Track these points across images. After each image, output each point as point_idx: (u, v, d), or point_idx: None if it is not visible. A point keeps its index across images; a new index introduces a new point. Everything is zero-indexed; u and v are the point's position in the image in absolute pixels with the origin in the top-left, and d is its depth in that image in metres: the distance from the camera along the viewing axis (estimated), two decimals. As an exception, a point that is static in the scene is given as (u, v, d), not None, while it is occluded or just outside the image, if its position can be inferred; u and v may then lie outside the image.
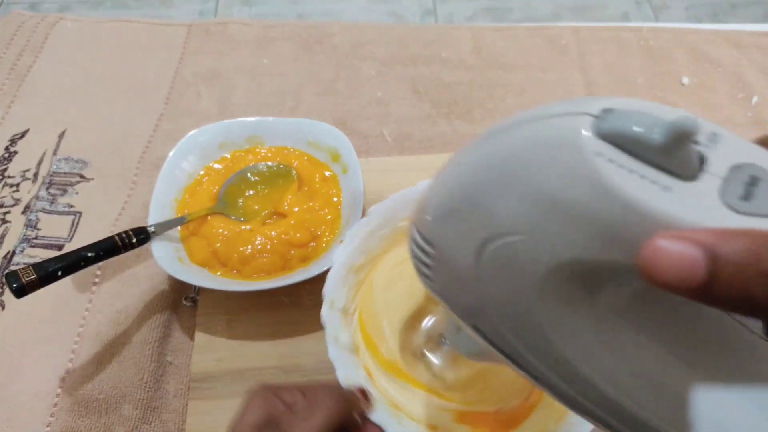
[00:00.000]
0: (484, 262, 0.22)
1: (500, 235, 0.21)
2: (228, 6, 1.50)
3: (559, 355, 0.22)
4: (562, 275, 0.20)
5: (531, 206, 0.19)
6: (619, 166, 0.17)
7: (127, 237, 0.46)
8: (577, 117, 0.18)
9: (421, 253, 0.25)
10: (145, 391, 0.45)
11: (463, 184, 0.22)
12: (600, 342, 0.22)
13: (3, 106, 0.64)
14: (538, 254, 0.20)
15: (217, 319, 0.48)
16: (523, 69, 0.68)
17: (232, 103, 0.64)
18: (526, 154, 0.20)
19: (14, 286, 0.41)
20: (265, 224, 0.51)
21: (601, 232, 0.18)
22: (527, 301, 0.21)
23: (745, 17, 1.47)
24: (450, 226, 0.23)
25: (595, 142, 0.18)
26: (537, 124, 0.20)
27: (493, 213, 0.21)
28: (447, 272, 0.24)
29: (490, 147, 0.22)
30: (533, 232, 0.19)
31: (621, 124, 0.17)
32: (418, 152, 0.60)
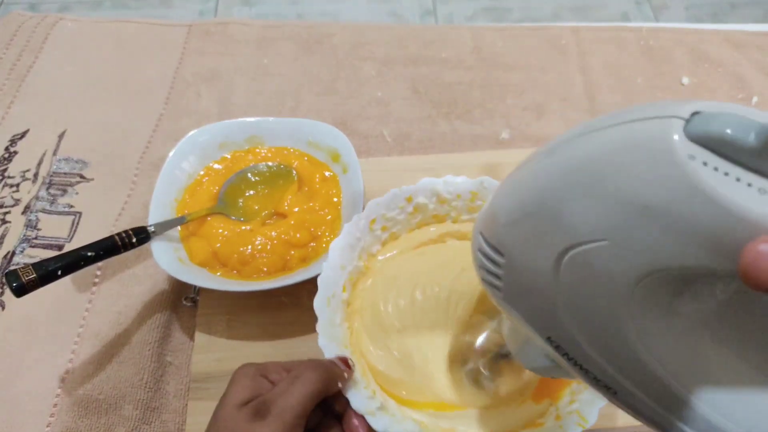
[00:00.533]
0: (564, 270, 0.21)
1: (584, 242, 0.20)
2: (228, 6, 1.50)
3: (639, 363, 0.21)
4: (650, 283, 0.19)
5: (619, 211, 0.19)
6: (713, 170, 0.17)
7: (127, 237, 0.46)
8: (666, 120, 0.18)
9: (488, 263, 0.24)
10: (145, 391, 0.45)
11: (541, 189, 0.22)
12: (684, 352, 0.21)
13: (3, 106, 0.64)
14: (626, 262, 0.19)
15: (217, 319, 0.48)
16: (523, 69, 0.68)
17: (232, 103, 0.64)
18: (613, 157, 0.19)
19: (14, 285, 0.41)
20: (265, 224, 0.51)
21: (696, 236, 0.17)
22: (610, 311, 0.21)
23: (745, 17, 1.47)
24: (525, 233, 0.22)
25: (687, 145, 0.17)
26: (624, 127, 0.19)
27: (574, 221, 0.20)
28: (520, 282, 0.24)
29: (572, 150, 0.21)
30: (621, 238, 0.19)
31: (713, 127, 0.17)
32: (418, 152, 0.60)
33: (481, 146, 0.61)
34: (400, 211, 0.46)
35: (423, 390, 0.41)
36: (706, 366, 0.21)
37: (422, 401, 0.40)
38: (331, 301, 0.41)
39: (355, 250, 0.43)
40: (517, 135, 0.62)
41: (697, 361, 0.21)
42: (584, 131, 0.21)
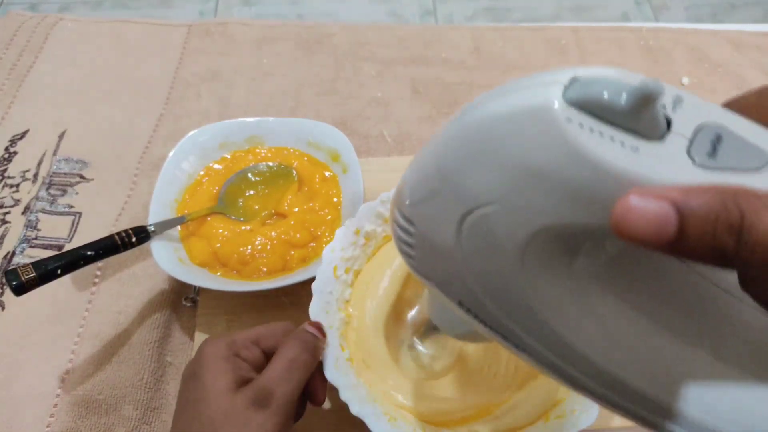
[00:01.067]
0: (464, 235, 0.22)
1: (477, 207, 0.21)
2: (228, 6, 1.50)
3: (543, 323, 0.22)
4: (540, 242, 0.20)
5: (505, 175, 0.20)
6: (589, 131, 0.18)
7: (126, 236, 0.46)
8: (547, 86, 0.19)
9: (403, 234, 0.26)
10: (145, 391, 0.45)
11: (438, 160, 0.23)
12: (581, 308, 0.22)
13: (3, 106, 0.64)
14: (515, 223, 0.20)
15: (217, 319, 0.48)
16: (523, 69, 0.68)
17: (232, 103, 0.64)
18: (497, 124, 0.20)
19: (14, 284, 0.41)
20: (265, 224, 0.51)
21: (575, 195, 0.18)
22: (508, 272, 0.22)
23: (745, 17, 1.47)
24: (429, 203, 0.24)
25: (565, 109, 0.18)
26: (508, 96, 0.20)
27: (468, 185, 0.21)
28: (429, 250, 0.25)
29: (462, 121, 0.22)
30: (509, 201, 0.20)
31: (587, 90, 0.18)
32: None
33: (481, 146, 0.61)
34: (355, 247, 0.45)
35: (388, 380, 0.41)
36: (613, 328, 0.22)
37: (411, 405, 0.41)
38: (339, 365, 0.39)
39: (332, 306, 0.42)
40: (517, 135, 0.62)
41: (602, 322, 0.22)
42: (479, 101, 0.22)
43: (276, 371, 0.33)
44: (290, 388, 0.33)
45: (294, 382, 0.33)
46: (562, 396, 0.40)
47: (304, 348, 0.35)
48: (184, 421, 0.32)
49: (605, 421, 0.43)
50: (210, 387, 0.31)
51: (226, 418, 0.30)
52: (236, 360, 0.33)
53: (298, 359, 0.34)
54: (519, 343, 0.24)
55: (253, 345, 0.35)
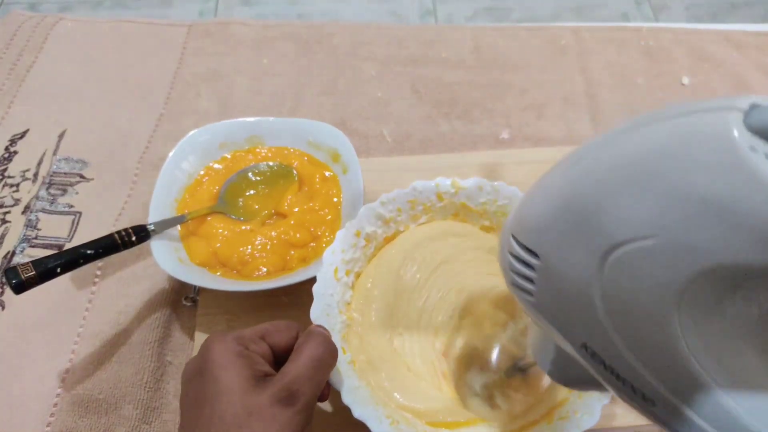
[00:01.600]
0: (608, 270, 0.20)
1: (632, 241, 0.19)
2: (228, 6, 1.50)
3: (682, 367, 0.20)
4: (701, 283, 0.19)
5: (672, 207, 0.18)
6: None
7: (126, 235, 0.46)
8: (724, 112, 0.18)
9: (521, 266, 0.24)
10: (145, 391, 0.45)
11: (580, 186, 0.21)
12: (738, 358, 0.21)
13: (3, 106, 0.64)
14: (678, 259, 0.18)
15: (217, 319, 0.48)
16: (523, 69, 0.68)
17: (232, 103, 0.64)
18: (668, 150, 0.18)
19: (13, 282, 0.41)
20: (265, 224, 0.51)
21: (758, 231, 0.17)
22: (658, 311, 0.20)
23: (745, 17, 1.47)
24: (565, 233, 0.22)
25: (748, 137, 0.17)
26: (679, 121, 0.19)
27: (621, 218, 0.19)
28: (556, 285, 0.23)
29: (618, 145, 0.20)
30: (675, 234, 0.18)
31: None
32: (418, 152, 0.60)
33: (480, 146, 0.61)
34: (355, 249, 0.45)
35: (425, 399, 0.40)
36: (746, 371, 0.21)
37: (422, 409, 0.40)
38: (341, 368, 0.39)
39: (334, 308, 0.42)
40: (517, 135, 0.62)
41: (737, 365, 0.21)
42: (631, 127, 0.20)
43: (301, 369, 0.32)
44: (315, 387, 0.32)
45: (319, 382, 0.33)
46: (564, 396, 0.40)
47: (328, 348, 0.34)
48: (201, 418, 0.30)
49: (606, 421, 0.43)
50: (228, 383, 0.31)
51: (251, 415, 0.30)
52: (249, 354, 0.33)
53: (323, 359, 0.33)
54: (652, 396, 0.22)
55: (260, 340, 0.35)
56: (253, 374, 0.31)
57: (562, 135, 0.62)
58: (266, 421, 0.30)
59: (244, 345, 0.33)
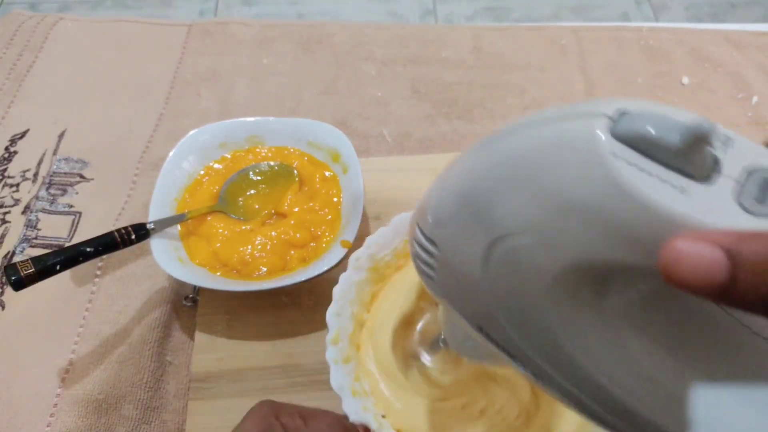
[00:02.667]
0: (491, 263, 0.22)
1: (509, 236, 0.20)
2: (228, 6, 1.50)
3: (566, 355, 0.22)
4: (573, 277, 0.20)
5: (543, 207, 0.19)
6: (636, 168, 0.17)
7: (126, 233, 0.46)
8: (592, 118, 0.19)
9: (423, 253, 0.25)
10: (145, 391, 0.45)
11: (469, 184, 0.22)
12: (606, 342, 0.22)
13: (3, 106, 0.64)
14: (549, 255, 0.20)
15: (217, 319, 0.48)
16: (523, 69, 0.68)
17: (232, 103, 0.64)
18: (538, 154, 0.20)
19: (13, 279, 0.41)
20: (265, 224, 0.51)
21: (618, 233, 0.18)
22: (536, 303, 0.21)
23: (745, 17, 1.47)
24: (455, 227, 0.23)
25: (611, 143, 0.18)
26: (550, 126, 0.20)
27: (502, 214, 0.21)
28: (451, 273, 0.24)
29: (499, 147, 0.21)
30: (545, 232, 0.19)
31: (638, 126, 0.18)
32: (418, 152, 0.60)
33: (481, 146, 0.61)
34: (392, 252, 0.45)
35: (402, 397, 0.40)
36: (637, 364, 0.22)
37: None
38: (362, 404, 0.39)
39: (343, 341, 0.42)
40: (517, 135, 0.62)
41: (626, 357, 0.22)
42: (515, 128, 0.21)
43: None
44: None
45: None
46: None
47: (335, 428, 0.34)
48: None
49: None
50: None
51: None
52: (272, 419, 0.33)
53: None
54: (537, 371, 0.24)
55: (298, 416, 0.34)
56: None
57: (562, 135, 0.62)
58: None
59: (277, 413, 0.34)
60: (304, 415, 0.35)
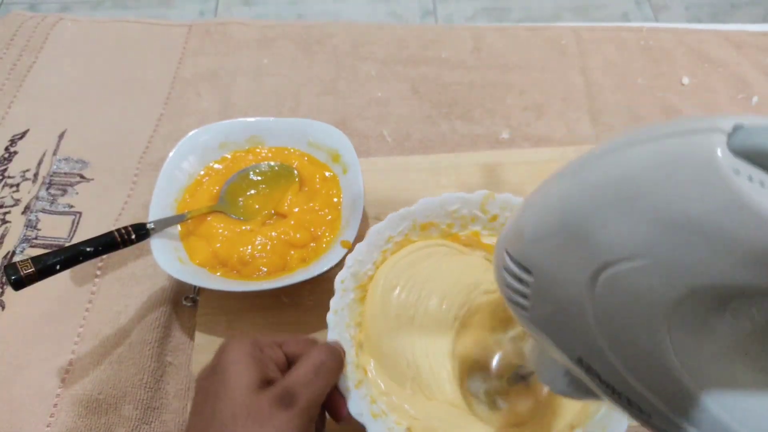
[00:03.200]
0: (599, 288, 0.20)
1: (621, 261, 0.19)
2: (228, 6, 1.50)
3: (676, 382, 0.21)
4: (689, 302, 0.19)
5: (660, 228, 0.18)
6: (759, 184, 0.17)
7: (126, 233, 0.46)
8: (708, 134, 0.18)
9: (515, 282, 0.24)
10: (145, 391, 0.45)
11: (571, 205, 0.21)
12: (728, 375, 0.21)
13: (3, 106, 0.64)
14: (667, 280, 0.19)
15: (217, 319, 0.48)
16: (523, 69, 0.68)
17: (232, 103, 0.64)
18: (653, 172, 0.19)
19: (13, 279, 0.41)
20: (265, 224, 0.51)
21: (743, 253, 0.17)
22: (648, 329, 0.20)
23: (745, 17, 1.47)
24: (556, 251, 0.22)
25: (731, 159, 0.17)
26: (663, 142, 0.19)
27: (608, 238, 0.20)
28: (549, 303, 0.23)
29: (607, 165, 0.20)
30: (663, 255, 0.18)
31: (758, 140, 0.17)
32: (418, 152, 0.60)
33: (481, 146, 0.61)
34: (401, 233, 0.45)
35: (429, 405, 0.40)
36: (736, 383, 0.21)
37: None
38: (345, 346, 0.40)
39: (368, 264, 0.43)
40: (517, 135, 0.62)
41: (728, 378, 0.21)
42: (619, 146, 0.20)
43: (302, 374, 0.33)
44: (315, 391, 0.32)
45: (320, 387, 0.33)
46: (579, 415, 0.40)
47: (332, 354, 0.35)
48: (204, 413, 0.31)
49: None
50: (234, 382, 0.31)
51: (248, 413, 0.30)
52: (262, 357, 0.33)
53: (325, 364, 0.34)
54: (648, 410, 0.22)
55: (277, 347, 0.35)
56: (260, 377, 0.31)
57: (562, 135, 0.62)
58: (262, 420, 0.30)
59: (260, 348, 0.33)
60: (280, 343, 0.35)
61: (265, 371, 0.32)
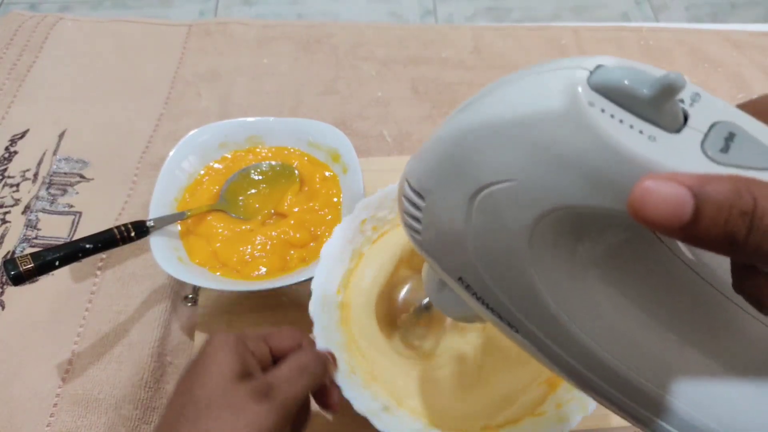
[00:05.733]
0: (474, 212, 0.23)
1: (492, 183, 0.21)
2: (228, 6, 1.50)
3: (542, 305, 0.23)
4: (549, 224, 0.21)
5: (524, 153, 0.20)
6: (610, 116, 0.18)
7: (126, 230, 0.46)
8: (571, 71, 0.20)
9: (411, 207, 0.26)
10: (145, 391, 0.45)
11: (456, 136, 0.23)
12: (581, 294, 0.23)
13: (3, 106, 0.64)
14: (528, 200, 0.21)
15: (217, 319, 0.48)
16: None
17: (232, 103, 0.64)
18: (521, 103, 0.21)
19: (12, 274, 0.41)
20: (265, 224, 0.51)
21: (592, 177, 0.19)
22: (514, 250, 0.22)
23: (745, 17, 1.47)
24: (444, 176, 0.24)
25: (589, 93, 0.19)
26: (534, 77, 0.21)
27: (486, 161, 0.22)
28: (437, 225, 0.25)
29: (484, 100, 0.23)
30: (525, 178, 0.20)
31: (614, 77, 0.19)
32: (418, 152, 0.60)
33: (481, 146, 0.61)
34: (390, 211, 0.46)
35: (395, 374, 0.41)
36: (599, 308, 0.23)
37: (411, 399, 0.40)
38: (326, 305, 0.41)
39: (346, 252, 0.44)
40: (517, 135, 0.62)
41: (599, 310, 0.23)
42: (501, 82, 0.22)
43: (284, 372, 0.33)
44: (294, 390, 0.32)
45: (299, 386, 0.33)
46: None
47: (317, 358, 0.35)
48: (180, 399, 0.31)
49: (604, 422, 0.43)
50: (213, 370, 0.31)
51: (224, 402, 0.30)
52: (245, 351, 0.33)
53: (308, 366, 0.34)
54: (515, 324, 0.25)
55: (262, 341, 0.35)
56: (240, 369, 0.31)
57: (562, 135, 0.62)
58: (236, 410, 0.30)
59: (243, 342, 0.33)
60: (265, 338, 0.35)
61: (245, 364, 0.32)
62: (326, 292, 0.41)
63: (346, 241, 0.44)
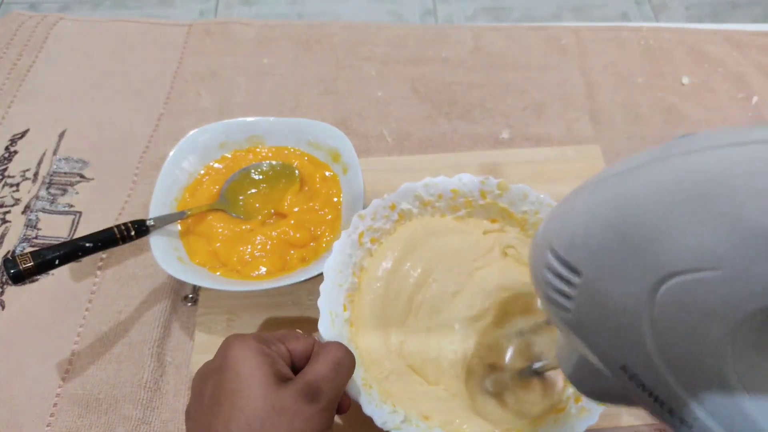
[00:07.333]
0: (660, 299, 0.19)
1: (689, 270, 0.18)
2: (228, 6, 1.50)
3: (731, 398, 0.19)
4: (763, 318, 0.18)
5: (739, 238, 0.17)
6: None
7: (126, 229, 0.46)
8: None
9: (558, 281, 0.22)
10: (145, 391, 0.45)
11: (637, 207, 0.19)
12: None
13: (3, 106, 0.64)
14: (739, 293, 0.17)
15: (217, 318, 0.48)
16: (523, 69, 0.68)
17: (232, 103, 0.64)
18: (733, 178, 0.17)
19: (11, 272, 0.41)
20: (265, 224, 0.51)
21: None
22: (712, 344, 0.19)
23: (745, 17, 1.47)
24: (614, 255, 0.20)
25: None
26: (743, 148, 0.18)
27: (682, 244, 0.18)
28: (599, 309, 0.21)
29: (681, 166, 0.19)
30: (736, 268, 0.17)
31: None
32: (418, 152, 0.60)
33: (481, 146, 0.61)
34: (386, 221, 0.46)
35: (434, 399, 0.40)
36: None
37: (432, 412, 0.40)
38: (335, 323, 0.40)
39: (348, 267, 0.43)
40: (517, 135, 0.62)
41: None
42: (694, 148, 0.19)
43: (322, 370, 0.32)
44: (337, 386, 0.32)
45: (340, 382, 0.33)
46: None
47: (347, 353, 0.35)
48: (221, 414, 0.30)
49: (607, 421, 0.43)
50: (249, 378, 0.30)
51: (273, 410, 0.29)
52: (270, 353, 0.32)
53: (343, 361, 0.34)
54: (688, 419, 0.21)
55: (280, 343, 0.35)
56: (274, 372, 0.31)
57: (562, 135, 0.62)
58: (290, 416, 0.29)
59: (266, 344, 0.33)
60: (282, 339, 0.35)
61: (276, 366, 0.32)
62: (332, 309, 0.41)
63: (347, 255, 0.43)
